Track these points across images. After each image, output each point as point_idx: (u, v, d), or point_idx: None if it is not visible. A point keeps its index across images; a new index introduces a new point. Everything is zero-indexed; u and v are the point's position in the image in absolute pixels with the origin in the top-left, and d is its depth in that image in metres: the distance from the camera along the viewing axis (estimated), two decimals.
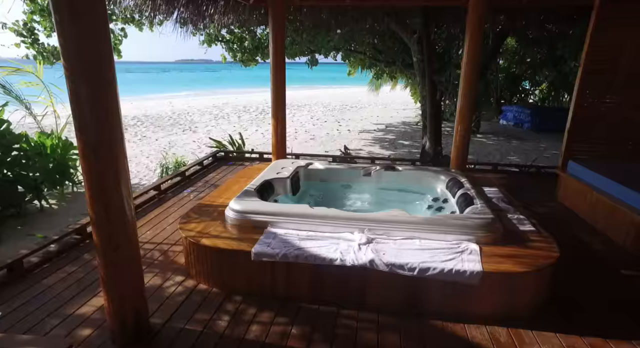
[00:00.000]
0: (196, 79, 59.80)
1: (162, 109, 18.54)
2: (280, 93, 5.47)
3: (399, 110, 17.67)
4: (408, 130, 11.65)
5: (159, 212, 4.24)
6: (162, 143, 10.63)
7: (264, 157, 6.68)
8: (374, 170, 4.18)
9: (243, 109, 17.87)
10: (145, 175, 7.10)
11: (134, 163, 8.17)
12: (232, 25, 9.49)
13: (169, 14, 8.49)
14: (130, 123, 14.06)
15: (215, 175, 5.73)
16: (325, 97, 24.43)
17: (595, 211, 3.87)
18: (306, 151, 8.87)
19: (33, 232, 4.57)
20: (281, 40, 5.31)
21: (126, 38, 8.34)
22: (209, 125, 13.58)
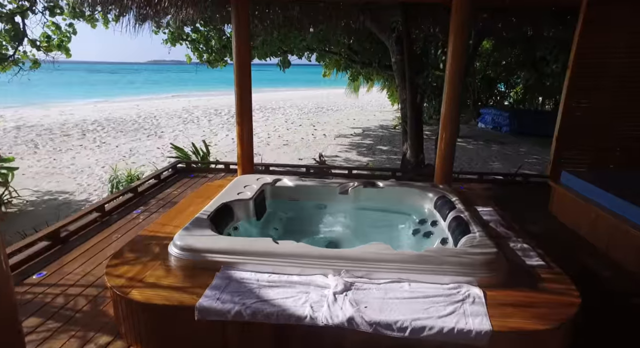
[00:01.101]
0: (167, 81, 57.92)
1: (128, 112, 17.46)
2: (245, 97, 4.87)
3: (376, 113, 17.33)
4: (386, 135, 11.25)
5: (98, 241, 3.54)
6: (122, 150, 9.77)
7: (230, 168, 6.03)
8: (351, 187, 3.64)
9: (214, 112, 17.05)
10: (96, 189, 6.30)
11: (85, 174, 7.33)
12: (196, 23, 8.81)
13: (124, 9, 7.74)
14: (89, 128, 13.03)
15: (173, 190, 5.05)
16: (300, 99, 23.87)
17: (596, 229, 3.48)
18: (279, 158, 8.27)
19: None
20: (245, 39, 4.70)
21: (75, 35, 7.48)
22: (177, 130, 12.74)
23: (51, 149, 9.92)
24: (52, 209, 5.37)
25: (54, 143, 10.70)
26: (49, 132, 12.29)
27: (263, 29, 7.93)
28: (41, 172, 7.56)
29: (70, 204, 5.60)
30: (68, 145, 10.38)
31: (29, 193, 6.18)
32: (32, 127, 13.15)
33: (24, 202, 5.69)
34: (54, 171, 7.66)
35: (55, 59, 7.36)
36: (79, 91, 33.71)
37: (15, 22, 6.72)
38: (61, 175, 7.35)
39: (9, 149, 9.84)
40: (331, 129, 12.43)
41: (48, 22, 7.15)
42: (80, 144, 10.62)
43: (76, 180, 6.94)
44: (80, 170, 7.67)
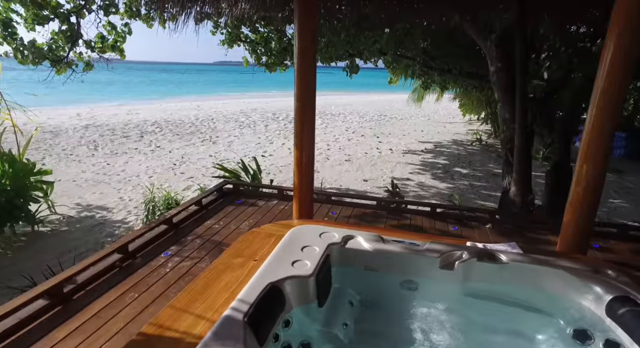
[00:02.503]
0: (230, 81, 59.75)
1: (188, 113, 17.47)
2: (307, 112, 3.81)
3: (446, 124, 15.62)
4: (463, 153, 9.68)
5: (110, 301, 2.66)
6: (175, 156, 9.30)
7: (284, 194, 5.04)
8: (459, 260, 2.41)
9: (272, 117, 16.44)
10: (136, 207, 5.65)
11: (131, 185, 6.79)
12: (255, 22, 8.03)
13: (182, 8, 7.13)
14: (148, 129, 12.93)
15: (215, 223, 4.15)
16: (361, 105, 22.67)
17: None
18: (340, 178, 7.17)
19: None
20: (311, 40, 3.64)
21: (130, 35, 7.00)
22: (232, 135, 12.19)
23: (108, 152, 9.73)
24: (85, 232, 4.75)
25: (113, 145, 10.57)
26: (111, 132, 12.34)
27: (329, 29, 6.93)
28: (90, 180, 7.17)
29: (104, 225, 4.95)
30: (124, 148, 10.16)
31: (70, 206, 5.69)
32: (98, 126, 13.36)
33: (62, 218, 5.15)
34: (102, 179, 7.24)
35: (110, 61, 6.96)
36: (149, 91, 35.44)
37: (71, 23, 6.37)
38: (108, 184, 6.88)
39: (72, 150, 9.80)
40: (397, 142, 11.09)
41: (103, 22, 6.74)
42: (136, 147, 10.37)
43: (119, 193, 6.39)
44: (127, 180, 7.17)
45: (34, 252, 4.20)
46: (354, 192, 6.46)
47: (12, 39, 5.80)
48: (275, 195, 5.08)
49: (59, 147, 10.04)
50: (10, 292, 3.27)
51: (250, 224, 4.20)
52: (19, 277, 3.62)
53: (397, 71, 11.19)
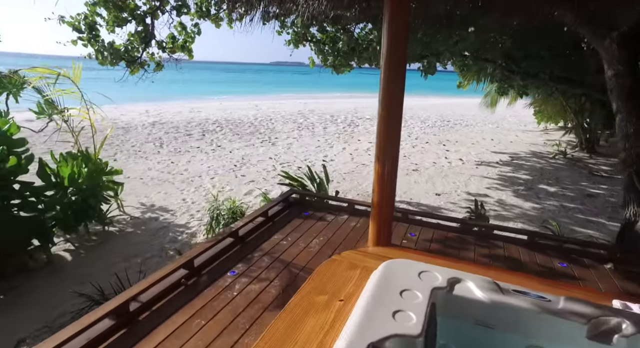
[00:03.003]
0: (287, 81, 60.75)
1: (247, 112, 17.70)
2: (393, 121, 3.33)
3: (518, 132, 14.30)
4: (546, 167, 8.60)
5: (176, 327, 2.40)
6: (235, 157, 9.25)
7: (355, 208, 4.61)
8: (621, 334, 1.80)
9: (330, 119, 16.12)
10: (198, 210, 5.52)
11: (193, 186, 6.73)
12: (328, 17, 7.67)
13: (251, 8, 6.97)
14: (209, 128, 13.17)
15: (282, 238, 3.81)
16: (420, 109, 21.68)
17: None
18: (409, 190, 6.59)
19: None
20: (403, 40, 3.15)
21: (199, 35, 6.97)
22: (290, 137, 12.01)
23: (172, 149, 9.93)
24: (150, 235, 4.65)
25: (177, 143, 10.81)
26: (175, 130, 12.71)
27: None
28: (155, 178, 7.25)
29: (168, 229, 4.83)
30: (187, 146, 10.34)
31: (136, 206, 5.70)
32: (164, 124, 13.87)
33: (129, 218, 5.13)
34: (167, 178, 7.29)
35: (179, 61, 6.99)
36: (209, 90, 36.87)
37: (146, 24, 6.45)
38: (172, 184, 6.89)
39: (140, 147, 10.15)
40: (467, 152, 10.21)
41: (175, 23, 6.77)
42: (198, 145, 10.51)
43: (182, 194, 6.34)
44: (190, 180, 7.15)
45: (103, 253, 4.15)
46: (427, 207, 5.86)
47: (95, 41, 5.96)
48: (345, 209, 4.66)
49: (129, 144, 10.45)
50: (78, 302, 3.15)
51: (321, 242, 3.81)
52: (88, 283, 3.53)
53: (469, 74, 10.32)
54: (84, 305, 3.00)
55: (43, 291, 3.43)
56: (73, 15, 5.79)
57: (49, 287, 3.48)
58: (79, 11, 5.94)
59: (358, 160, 9.02)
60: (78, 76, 4.46)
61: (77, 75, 4.44)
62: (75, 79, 4.42)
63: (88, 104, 4.60)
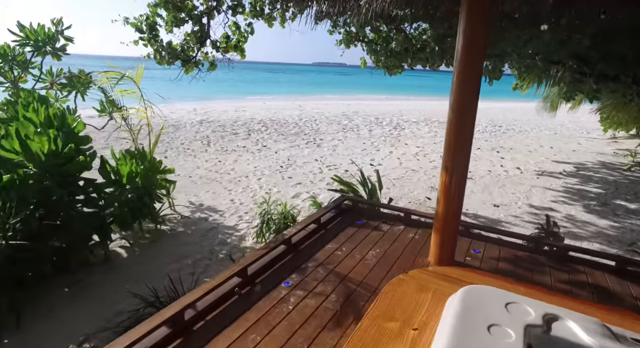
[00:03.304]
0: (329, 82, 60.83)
1: (291, 113, 17.77)
2: (465, 126, 3.05)
3: (580, 140, 13.22)
4: (621, 180, 7.75)
5: (237, 335, 2.30)
6: (280, 157, 9.22)
7: (411, 218, 4.33)
8: None
9: (374, 121, 15.79)
10: (246, 212, 5.46)
11: (241, 187, 6.73)
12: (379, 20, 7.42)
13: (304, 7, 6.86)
14: (255, 127, 13.30)
15: (337, 248, 3.62)
16: None
17: None
18: (467, 200, 6.18)
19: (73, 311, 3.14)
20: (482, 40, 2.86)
21: (252, 35, 6.97)
22: (335, 139, 11.84)
23: (219, 148, 10.09)
24: (199, 235, 4.65)
25: (223, 141, 10.99)
26: (222, 128, 12.95)
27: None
28: (204, 177, 7.35)
29: (217, 231, 4.81)
30: (233, 145, 10.46)
31: (186, 204, 5.75)
32: (211, 122, 14.20)
33: (179, 217, 5.18)
34: (215, 176, 7.36)
35: (232, 60, 7.04)
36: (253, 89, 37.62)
37: (202, 24, 6.54)
38: (219, 183, 6.94)
39: (189, 144, 10.41)
40: (524, 160, 9.53)
41: (229, 22, 6.82)
42: (244, 145, 10.61)
43: (230, 194, 6.34)
44: (237, 180, 7.17)
45: (156, 252, 4.18)
46: (485, 219, 5.44)
47: (155, 40, 6.13)
48: (401, 219, 4.39)
49: (179, 141, 10.75)
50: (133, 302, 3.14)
51: (377, 255, 3.58)
52: (142, 281, 3.54)
53: (529, 77, 9.62)
54: (139, 306, 2.98)
55: (102, 287, 3.48)
56: (136, 16, 5.98)
57: (108, 284, 3.52)
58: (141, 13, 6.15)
59: (407, 166, 8.67)
60: (140, 76, 4.55)
61: (139, 75, 4.53)
62: (137, 79, 4.51)
63: (146, 103, 4.68)
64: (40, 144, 3.28)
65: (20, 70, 5.50)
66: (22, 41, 5.23)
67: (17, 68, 5.46)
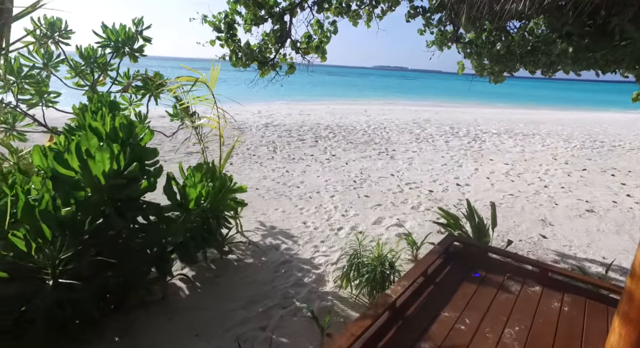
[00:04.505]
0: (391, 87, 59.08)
1: (357, 118, 16.88)
2: None
3: None
4: None
5: None
6: (352, 169, 8.37)
7: (551, 277, 3.24)
8: None
9: (449, 131, 14.36)
10: (323, 240, 4.65)
11: (313, 205, 5.95)
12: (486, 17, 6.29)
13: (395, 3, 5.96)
14: (322, 134, 12.60)
15: (456, 319, 2.66)
16: (555, 124, 18.36)
17: None
18: (592, 242, 4.83)
19: None
20: None
21: (335, 34, 6.18)
22: (410, 150, 10.74)
23: (286, 156, 9.49)
24: (271, 271, 3.92)
25: (290, 148, 10.40)
26: (287, 133, 12.43)
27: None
28: (271, 190, 6.71)
29: (291, 265, 4.05)
30: (301, 153, 9.81)
31: (254, 225, 5.10)
32: (276, 126, 13.77)
33: (248, 243, 4.51)
34: (283, 191, 6.69)
35: (311, 63, 6.33)
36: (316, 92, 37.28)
37: (284, 21, 5.90)
38: (289, 199, 6.24)
39: (254, 150, 9.96)
40: None
41: (312, 20, 6.11)
42: (312, 153, 9.91)
43: (302, 214, 5.60)
44: (308, 196, 6.43)
45: (221, 290, 3.51)
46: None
47: (232, 40, 5.60)
48: (534, 276, 3.31)
49: (244, 146, 10.35)
50: None
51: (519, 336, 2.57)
52: (202, 336, 2.86)
53: None
54: None
55: (156, 338, 2.84)
56: (215, 14, 5.47)
57: (163, 335, 2.88)
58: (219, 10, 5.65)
59: (501, 188, 7.36)
60: (215, 79, 3.95)
61: (214, 78, 3.92)
62: (212, 83, 3.91)
63: (220, 111, 4.07)
64: (102, 162, 2.72)
65: (99, 73, 5.23)
66: (103, 42, 4.93)
67: (97, 70, 5.19)
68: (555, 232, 5.24)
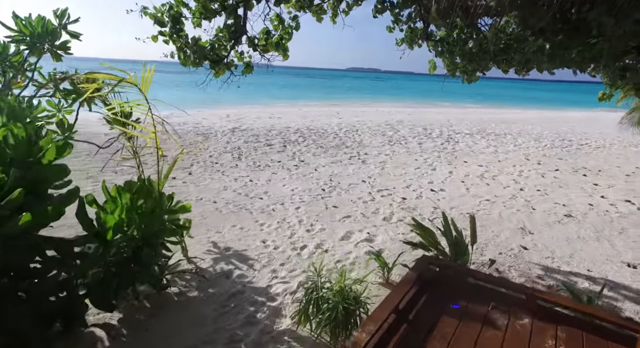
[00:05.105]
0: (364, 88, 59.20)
1: (329, 121, 16.40)
2: None
3: None
4: None
5: None
6: (321, 176, 7.84)
7: (539, 306, 2.80)
8: None
9: (422, 132, 14.10)
10: (282, 263, 4.07)
11: (275, 220, 5.37)
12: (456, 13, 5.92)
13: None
14: (291, 138, 12.02)
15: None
16: (525, 124, 18.53)
17: None
18: (575, 253, 4.49)
19: None
20: None
21: (297, 30, 5.64)
22: (382, 154, 10.32)
23: (251, 163, 8.85)
24: (217, 306, 3.31)
25: (256, 154, 9.76)
26: (255, 138, 11.77)
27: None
28: (231, 202, 6.07)
29: (242, 298, 3.46)
30: (267, 160, 9.20)
31: (205, 247, 4.46)
32: (244, 131, 13.08)
33: (193, 271, 3.87)
34: (244, 203, 6.08)
35: (271, 62, 5.76)
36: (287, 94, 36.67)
37: (238, 16, 5.31)
38: (249, 213, 5.64)
39: (217, 157, 9.27)
40: (627, 188, 7.59)
41: (272, 14, 5.54)
42: (279, 159, 9.32)
43: (262, 231, 5.01)
44: (271, 208, 5.84)
45: (153, 338, 2.87)
46: (629, 292, 3.76)
47: (179, 36, 4.95)
48: (521, 304, 2.86)
49: (207, 153, 9.63)
50: None
51: None
52: None
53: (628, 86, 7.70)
54: None
55: None
56: (157, 6, 4.80)
57: None
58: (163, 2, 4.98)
59: (476, 192, 7.02)
60: (147, 80, 3.30)
61: (147, 80, 3.26)
62: (144, 85, 3.26)
63: (156, 116, 3.42)
64: None
65: (14, 72, 4.47)
66: (16, 37, 4.17)
67: (11, 70, 4.43)
68: (536, 241, 4.88)
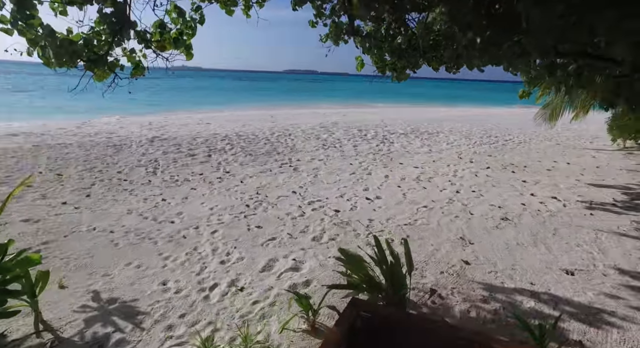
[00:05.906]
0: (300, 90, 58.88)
1: (261, 125, 15.49)
2: None
3: (590, 151, 11.72)
4: None
5: None
6: (248, 189, 6.98)
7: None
8: None
9: (358, 134, 13.77)
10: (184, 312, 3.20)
11: (184, 251, 4.43)
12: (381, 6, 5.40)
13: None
14: (217, 146, 10.95)
15: None
16: (455, 122, 19.15)
17: None
18: (516, 262, 4.15)
19: None
20: None
21: (202, 24, 4.75)
22: (316, 159, 9.70)
23: (168, 178, 7.72)
24: None
25: (175, 167, 8.61)
26: (176, 148, 10.53)
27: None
28: (132, 231, 5.01)
29: None
30: (187, 173, 8.11)
31: (78, 300, 3.42)
32: (165, 140, 11.73)
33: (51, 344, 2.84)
34: (149, 231, 5.04)
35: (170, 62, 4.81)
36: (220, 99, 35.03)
37: (117, 2, 4.30)
38: (153, 244, 4.64)
39: (127, 173, 7.97)
40: (552, 183, 7.73)
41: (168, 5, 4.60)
42: (201, 171, 8.29)
43: (166, 267, 4.06)
44: (181, 235, 4.88)
45: None
46: (573, 304, 3.42)
47: (29, 26, 3.81)
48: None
49: (116, 168, 8.28)
50: None
51: None
52: None
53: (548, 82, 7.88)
54: None
55: None
56: None
57: None
58: None
59: (413, 198, 6.63)
60: None
61: None
62: None
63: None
64: None
65: None
66: None
67: None
68: (477, 253, 4.50)
